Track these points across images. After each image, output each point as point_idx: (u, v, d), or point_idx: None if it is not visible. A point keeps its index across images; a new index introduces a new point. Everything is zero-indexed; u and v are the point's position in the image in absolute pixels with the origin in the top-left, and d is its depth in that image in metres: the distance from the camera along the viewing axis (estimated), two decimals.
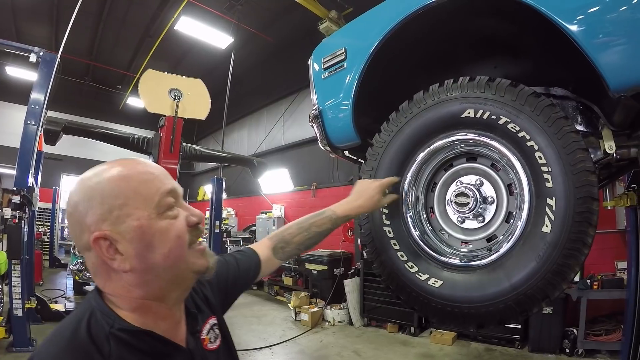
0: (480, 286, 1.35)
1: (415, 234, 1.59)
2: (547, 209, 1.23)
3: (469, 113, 1.41)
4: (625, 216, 4.71)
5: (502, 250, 1.35)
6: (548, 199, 1.23)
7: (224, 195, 9.06)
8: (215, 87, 5.96)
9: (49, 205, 12.58)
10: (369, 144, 1.78)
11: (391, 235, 1.60)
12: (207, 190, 15.79)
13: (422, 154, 1.58)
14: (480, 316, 1.35)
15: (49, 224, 12.76)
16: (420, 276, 1.47)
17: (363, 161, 1.81)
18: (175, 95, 5.14)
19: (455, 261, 1.48)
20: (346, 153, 2.04)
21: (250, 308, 8.37)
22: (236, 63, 10.25)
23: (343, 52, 1.84)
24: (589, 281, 5.38)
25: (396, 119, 1.62)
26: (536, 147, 1.27)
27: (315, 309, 7.35)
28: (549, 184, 1.24)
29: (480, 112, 1.38)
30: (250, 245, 1.29)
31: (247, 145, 14.23)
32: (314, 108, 1.98)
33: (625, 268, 5.06)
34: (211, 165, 15.52)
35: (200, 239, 0.85)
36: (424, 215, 1.65)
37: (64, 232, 14.84)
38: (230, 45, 10.34)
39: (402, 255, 1.54)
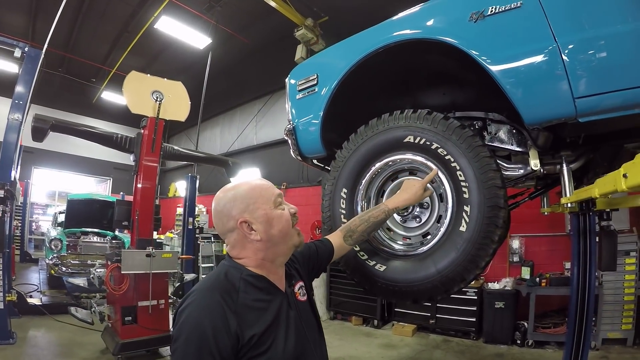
0: (414, 270, 1.75)
1: None
2: (464, 214, 1.63)
3: (409, 139, 1.81)
4: (570, 221, 5.16)
5: (430, 244, 1.77)
6: (465, 207, 1.63)
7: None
8: (190, 85, 6.13)
9: (20, 199, 12.29)
10: (333, 154, 2.14)
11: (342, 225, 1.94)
12: (178, 186, 15.70)
13: (373, 168, 1.97)
14: (414, 293, 1.76)
15: (19, 217, 12.37)
16: (369, 262, 1.86)
17: (329, 169, 2.16)
18: (157, 97, 5.31)
19: (396, 252, 1.90)
20: (314, 161, 2.40)
21: None
22: (212, 62, 10.42)
23: (315, 78, 2.18)
24: (537, 279, 5.89)
25: (354, 139, 2.01)
26: (458, 167, 1.67)
27: None
28: (466, 195, 1.64)
29: (418, 138, 1.78)
30: (327, 236, 1.71)
31: (219, 143, 14.38)
32: (289, 123, 2.31)
33: None
34: (182, 163, 15.45)
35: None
36: None
37: (33, 227, 14.55)
38: (208, 46, 10.50)
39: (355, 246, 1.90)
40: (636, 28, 1.37)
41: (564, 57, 1.44)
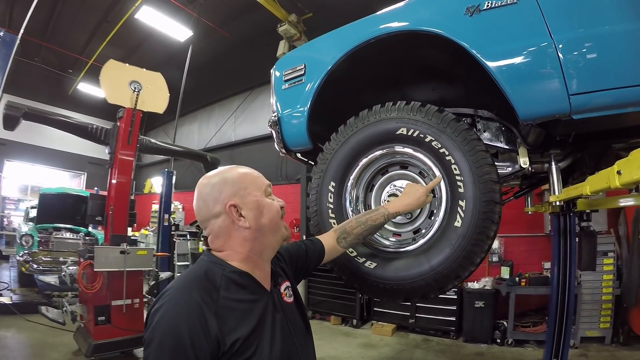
0: (407, 267, 1.68)
1: None
2: (459, 209, 1.58)
3: (402, 131, 1.74)
4: (550, 221, 5.23)
5: (424, 240, 1.71)
6: (460, 201, 1.58)
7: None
8: (169, 78, 5.96)
9: None
10: (319, 148, 2.06)
11: (335, 226, 1.87)
12: (153, 182, 15.44)
13: (363, 161, 1.90)
14: (406, 291, 1.69)
15: None
16: (359, 259, 1.78)
17: (313, 163, 2.08)
18: (135, 88, 5.14)
19: (387, 248, 1.82)
20: (299, 155, 2.32)
21: None
22: (192, 56, 10.21)
23: (302, 68, 2.09)
24: (517, 279, 5.95)
25: (343, 131, 1.93)
26: (453, 161, 1.62)
27: None
28: (461, 190, 1.58)
29: (412, 130, 1.71)
30: (319, 236, 1.62)
31: (197, 139, 14.20)
32: (273, 115, 2.22)
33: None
34: (158, 158, 15.22)
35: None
36: (363, 211, 1.93)
37: (4, 222, 14.06)
38: (189, 39, 10.27)
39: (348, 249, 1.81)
40: (631, 28, 1.37)
41: (560, 54, 1.43)
